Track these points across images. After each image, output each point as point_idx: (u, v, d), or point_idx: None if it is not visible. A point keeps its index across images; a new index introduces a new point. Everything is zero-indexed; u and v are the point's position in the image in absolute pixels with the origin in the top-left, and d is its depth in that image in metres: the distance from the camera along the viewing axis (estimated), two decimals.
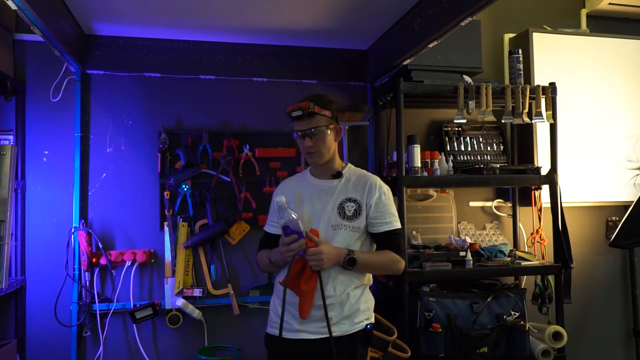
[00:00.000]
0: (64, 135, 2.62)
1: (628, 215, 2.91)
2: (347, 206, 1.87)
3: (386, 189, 1.93)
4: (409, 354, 2.20)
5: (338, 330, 1.81)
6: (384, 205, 1.90)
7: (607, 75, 3.18)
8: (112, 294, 2.61)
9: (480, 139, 3.07)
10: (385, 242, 1.90)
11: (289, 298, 1.83)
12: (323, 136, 1.87)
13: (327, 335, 1.77)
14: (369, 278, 1.95)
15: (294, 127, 1.90)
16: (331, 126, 1.89)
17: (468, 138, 3.05)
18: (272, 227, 2.02)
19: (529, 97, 2.70)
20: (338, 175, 1.93)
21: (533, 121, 2.74)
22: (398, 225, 1.92)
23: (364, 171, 2.00)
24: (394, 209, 1.93)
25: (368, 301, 1.93)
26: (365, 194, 1.89)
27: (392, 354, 2.18)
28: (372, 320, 1.95)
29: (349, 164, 2.02)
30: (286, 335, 1.84)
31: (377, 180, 1.94)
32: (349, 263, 1.78)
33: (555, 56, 3.09)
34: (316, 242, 1.78)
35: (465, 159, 3.01)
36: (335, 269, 1.83)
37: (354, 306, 1.85)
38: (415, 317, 2.49)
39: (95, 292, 2.57)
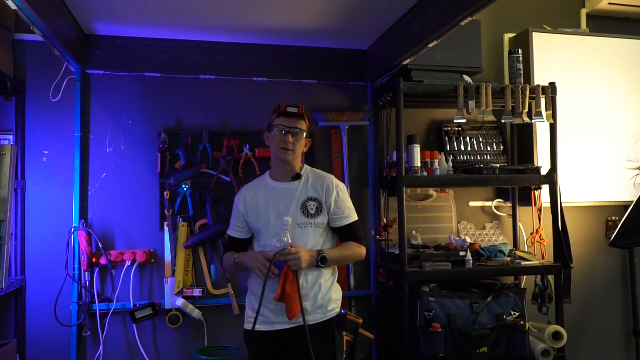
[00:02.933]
0: (64, 135, 2.62)
1: (628, 215, 2.91)
2: (309, 205, 2.03)
3: (342, 186, 2.12)
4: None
5: (312, 319, 1.98)
6: (342, 202, 2.08)
7: (607, 75, 3.18)
8: (112, 294, 2.61)
9: (480, 139, 3.07)
10: (347, 234, 2.10)
11: (264, 293, 1.97)
12: (301, 139, 2.07)
13: (302, 324, 1.92)
14: (335, 271, 2.13)
15: (279, 122, 2.05)
16: (306, 135, 2.09)
17: (468, 138, 3.05)
18: (236, 231, 2.14)
19: (529, 97, 2.70)
20: (297, 177, 2.08)
21: (533, 121, 2.74)
22: (356, 217, 2.12)
23: (320, 171, 2.17)
24: (350, 203, 2.12)
25: (338, 292, 2.11)
26: (324, 193, 2.05)
27: (362, 337, 2.55)
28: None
29: (306, 165, 2.17)
30: (263, 328, 2.00)
31: (333, 179, 2.11)
32: (322, 261, 1.96)
33: (555, 56, 3.09)
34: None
35: (465, 159, 3.01)
36: None
37: (326, 296, 2.02)
38: (415, 317, 2.49)
39: (95, 292, 2.57)
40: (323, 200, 2.04)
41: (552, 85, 2.76)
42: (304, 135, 2.07)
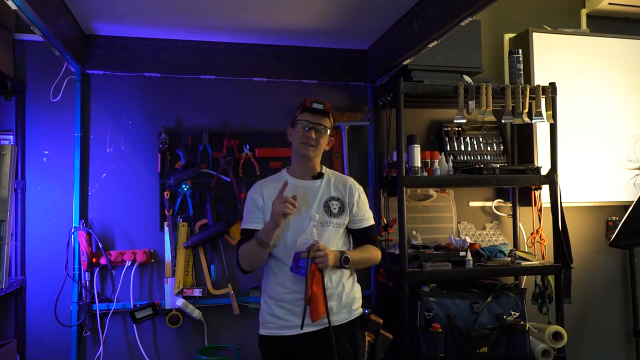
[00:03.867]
0: (64, 135, 2.62)
1: (628, 215, 2.91)
2: (332, 204, 2.01)
3: (362, 189, 2.12)
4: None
5: (339, 319, 1.95)
6: (363, 204, 2.09)
7: (607, 75, 3.18)
8: (112, 294, 2.61)
9: (480, 139, 3.07)
10: (365, 236, 2.09)
11: (284, 295, 1.93)
12: (324, 136, 2.03)
13: (326, 326, 1.87)
14: (353, 270, 2.10)
15: (303, 117, 2.01)
16: (330, 133, 2.06)
17: (468, 138, 3.05)
18: (254, 222, 1.98)
19: (529, 97, 2.70)
20: (320, 175, 2.06)
21: (533, 121, 2.74)
22: (373, 221, 2.13)
23: (339, 173, 2.17)
24: (368, 206, 2.13)
25: (359, 291, 2.11)
26: (347, 194, 2.04)
27: (382, 337, 2.40)
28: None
29: (324, 166, 2.13)
30: (285, 332, 1.92)
31: (354, 181, 2.12)
32: (345, 262, 1.93)
33: (555, 56, 3.09)
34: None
35: (465, 159, 3.01)
36: None
37: (350, 295, 2.01)
38: (415, 317, 2.49)
39: (95, 292, 2.57)
40: (346, 201, 2.03)
41: (552, 85, 2.76)
42: (328, 133, 2.03)
